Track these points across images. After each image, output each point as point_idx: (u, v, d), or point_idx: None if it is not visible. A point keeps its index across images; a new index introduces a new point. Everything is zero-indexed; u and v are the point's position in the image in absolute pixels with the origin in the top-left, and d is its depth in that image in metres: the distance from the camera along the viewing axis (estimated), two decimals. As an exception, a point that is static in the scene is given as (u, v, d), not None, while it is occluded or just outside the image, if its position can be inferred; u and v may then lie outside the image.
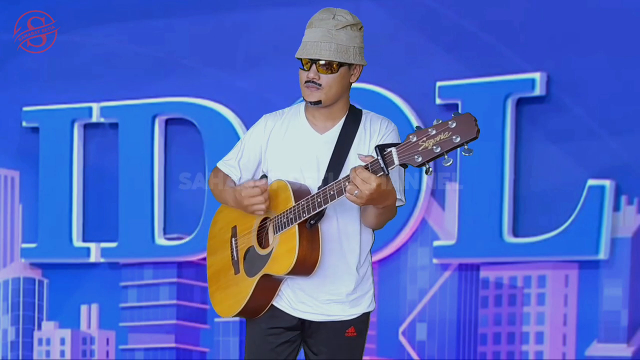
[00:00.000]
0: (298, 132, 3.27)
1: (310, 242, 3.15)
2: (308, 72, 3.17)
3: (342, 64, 3.17)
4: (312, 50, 3.14)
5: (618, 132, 4.90)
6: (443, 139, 2.78)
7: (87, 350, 6.07)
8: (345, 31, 3.15)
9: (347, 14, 3.19)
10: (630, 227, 4.90)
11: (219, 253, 3.45)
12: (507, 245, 5.07)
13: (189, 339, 5.84)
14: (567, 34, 4.98)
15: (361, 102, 5.33)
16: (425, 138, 2.80)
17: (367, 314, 3.33)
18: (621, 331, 4.93)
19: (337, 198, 3.02)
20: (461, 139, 2.75)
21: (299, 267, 3.15)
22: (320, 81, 3.17)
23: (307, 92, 3.19)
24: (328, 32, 3.14)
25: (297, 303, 3.28)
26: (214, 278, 3.45)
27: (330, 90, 3.19)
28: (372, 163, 2.90)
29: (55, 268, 6.10)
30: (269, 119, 3.34)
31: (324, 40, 3.13)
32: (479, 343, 5.20)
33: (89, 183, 6.03)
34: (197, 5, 5.76)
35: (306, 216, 3.11)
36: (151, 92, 5.83)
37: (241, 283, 3.31)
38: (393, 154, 2.85)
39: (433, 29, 5.24)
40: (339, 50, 3.14)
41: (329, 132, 3.25)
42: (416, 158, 2.81)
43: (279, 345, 3.30)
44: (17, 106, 6.09)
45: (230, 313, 3.35)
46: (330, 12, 3.18)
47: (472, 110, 5.10)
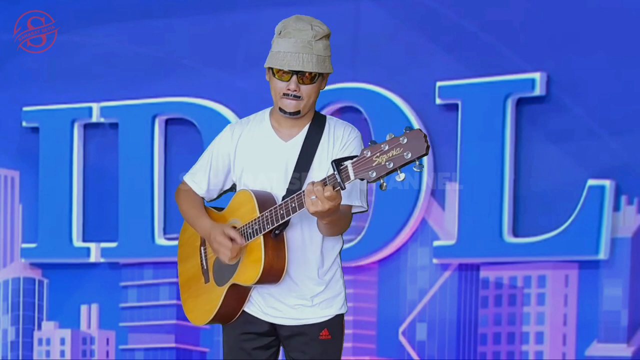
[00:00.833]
0: (264, 140, 3.28)
1: (276, 251, 3.18)
2: (288, 84, 3.17)
3: (320, 74, 3.19)
4: (295, 62, 3.14)
5: (618, 132, 4.90)
6: (395, 155, 2.82)
7: (87, 350, 6.07)
8: (322, 42, 3.17)
9: (322, 24, 3.20)
10: (630, 227, 4.90)
11: (190, 261, 3.48)
12: (507, 245, 5.07)
13: (189, 339, 5.84)
14: (567, 34, 4.98)
15: (361, 102, 5.37)
16: (379, 153, 2.84)
17: (341, 316, 3.34)
18: (621, 331, 4.93)
19: (298, 210, 3.06)
20: (412, 155, 2.80)
21: (265, 277, 3.18)
22: (300, 92, 3.17)
23: (286, 102, 3.19)
24: (308, 43, 3.14)
25: (267, 308, 3.30)
26: (186, 286, 3.48)
27: (309, 100, 3.20)
28: (329, 178, 2.94)
29: (55, 268, 6.10)
30: (235, 127, 3.34)
31: (305, 52, 3.14)
32: (479, 343, 5.20)
33: (89, 183, 6.03)
34: (197, 5, 5.76)
35: (270, 227, 3.14)
36: (151, 92, 5.83)
37: (211, 292, 3.35)
38: (349, 169, 2.89)
39: (433, 29, 5.24)
40: (319, 61, 3.15)
41: (294, 139, 3.26)
42: (370, 174, 2.86)
43: (254, 349, 3.33)
44: (17, 106, 6.09)
45: (202, 321, 3.39)
46: (307, 22, 3.18)
47: (473, 111, 5.16)
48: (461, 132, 5.16)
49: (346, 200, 3.14)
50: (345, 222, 3.22)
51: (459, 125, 5.16)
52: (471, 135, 5.13)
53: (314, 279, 3.27)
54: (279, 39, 3.18)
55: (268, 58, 3.21)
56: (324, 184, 2.95)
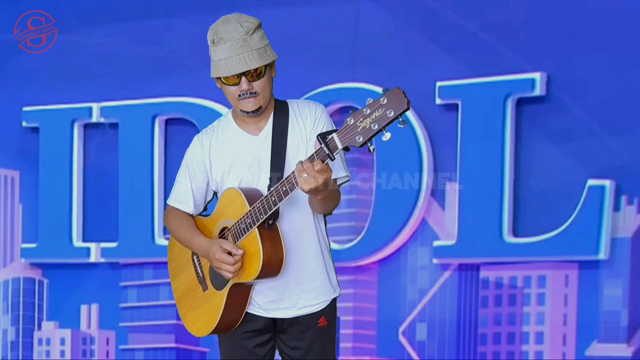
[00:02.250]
0: (234, 140, 3.31)
1: (273, 242, 3.20)
2: (239, 86, 3.19)
3: (266, 65, 3.20)
4: (238, 65, 3.15)
5: (618, 132, 4.90)
6: (378, 116, 2.88)
7: (87, 350, 6.07)
8: (256, 34, 3.19)
9: (249, 17, 3.23)
10: (630, 227, 4.90)
11: (183, 274, 3.47)
12: (507, 245, 5.07)
13: (189, 339, 5.84)
14: (567, 34, 4.98)
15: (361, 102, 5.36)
16: (362, 118, 2.90)
17: (334, 300, 3.39)
18: (621, 331, 4.93)
19: (290, 193, 3.08)
20: (394, 112, 2.87)
21: (266, 269, 3.19)
22: (254, 89, 3.19)
23: (244, 103, 3.21)
24: (243, 41, 3.16)
25: (267, 304, 3.32)
26: (183, 300, 3.48)
27: (265, 93, 3.23)
28: (318, 152, 2.97)
29: (55, 268, 6.10)
30: (203, 137, 3.38)
31: (243, 51, 3.16)
32: (479, 343, 5.20)
33: (89, 183, 6.03)
34: (197, 5, 5.76)
35: (264, 217, 3.15)
36: (151, 92, 5.83)
37: (212, 299, 3.34)
38: (335, 139, 2.94)
39: (433, 29, 5.24)
40: (260, 54, 3.17)
41: (263, 130, 3.29)
42: (357, 139, 2.90)
43: (255, 347, 3.35)
44: (17, 106, 6.09)
45: (205, 331, 3.39)
46: (234, 22, 3.20)
47: (473, 111, 5.15)
48: (461, 132, 5.16)
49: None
50: (336, 196, 3.25)
51: (459, 125, 5.16)
52: (471, 135, 5.14)
53: (312, 264, 3.30)
54: (215, 48, 3.20)
55: (212, 69, 3.22)
56: (312, 160, 2.98)
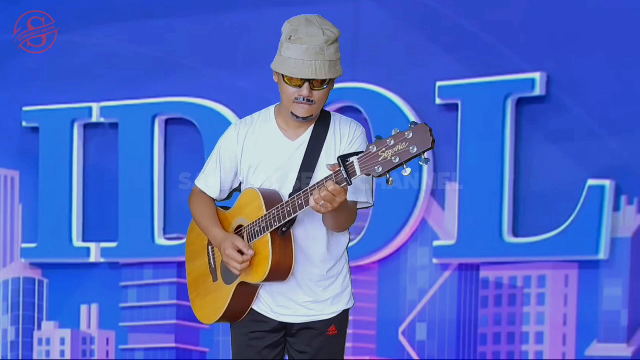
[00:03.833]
0: (270, 139, 3.28)
1: (284, 249, 3.19)
2: (299, 90, 3.14)
3: (332, 78, 3.17)
4: (307, 70, 3.10)
5: (618, 132, 4.90)
6: (401, 150, 2.85)
7: (87, 350, 6.07)
8: (333, 45, 3.13)
9: (332, 26, 3.16)
10: (630, 227, 4.90)
11: (198, 260, 3.50)
12: (507, 245, 5.07)
13: (189, 339, 5.84)
14: (567, 34, 4.98)
15: (361, 102, 5.37)
16: (385, 149, 2.87)
17: (347, 311, 3.37)
18: (621, 331, 4.93)
19: (305, 207, 3.07)
20: (418, 149, 2.83)
21: (273, 274, 3.19)
22: (313, 98, 3.15)
23: (298, 107, 3.17)
24: (320, 49, 3.10)
25: (277, 307, 3.31)
26: (194, 285, 3.51)
27: (321, 104, 3.20)
28: (336, 174, 2.96)
29: (55, 268, 6.10)
30: (241, 128, 3.32)
31: (317, 59, 3.10)
32: (479, 343, 5.20)
33: (89, 183, 6.03)
34: (197, 5, 5.76)
35: (277, 225, 3.15)
36: (151, 92, 5.83)
37: (220, 290, 3.36)
38: (355, 165, 2.92)
39: (433, 29, 5.24)
40: (330, 67, 3.12)
41: (300, 138, 3.25)
42: (377, 169, 2.88)
43: (264, 349, 3.34)
44: (17, 106, 6.09)
45: (211, 320, 3.40)
46: (318, 27, 3.12)
47: (473, 111, 5.16)
48: (461, 132, 5.16)
49: (352, 196, 3.15)
50: (350, 217, 3.22)
51: (459, 125, 5.16)
52: (471, 135, 5.14)
53: (322, 275, 3.28)
54: (290, 44, 3.12)
55: (278, 62, 3.16)
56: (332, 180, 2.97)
